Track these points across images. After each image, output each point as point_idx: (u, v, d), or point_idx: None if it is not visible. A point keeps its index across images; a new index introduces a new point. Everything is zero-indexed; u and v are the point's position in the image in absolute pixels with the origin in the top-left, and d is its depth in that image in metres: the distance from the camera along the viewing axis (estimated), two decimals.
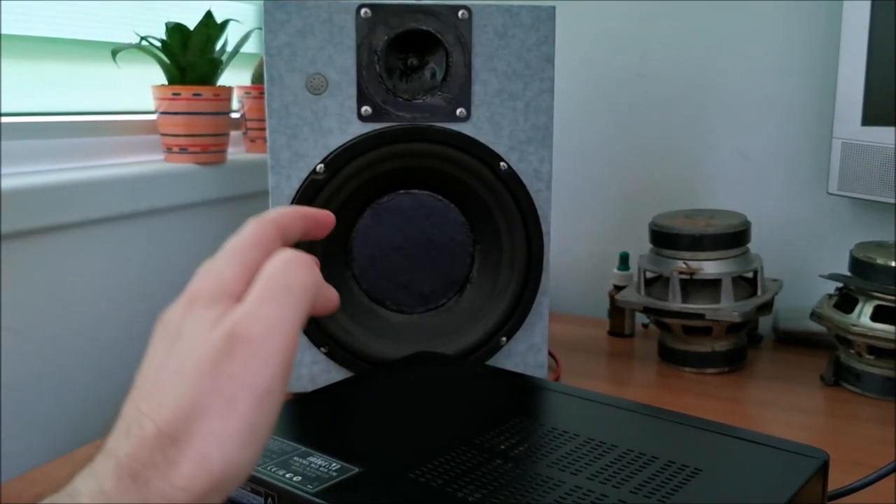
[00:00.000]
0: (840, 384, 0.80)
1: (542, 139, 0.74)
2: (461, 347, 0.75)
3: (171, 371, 0.31)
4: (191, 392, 0.30)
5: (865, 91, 0.83)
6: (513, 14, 0.72)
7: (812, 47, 0.95)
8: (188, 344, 0.31)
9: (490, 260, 0.76)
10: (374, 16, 0.70)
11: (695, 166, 1.03)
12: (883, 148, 0.83)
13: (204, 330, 0.31)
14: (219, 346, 0.30)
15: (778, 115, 0.98)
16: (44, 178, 0.75)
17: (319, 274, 0.34)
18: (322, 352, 0.74)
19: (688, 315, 0.82)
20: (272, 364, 0.30)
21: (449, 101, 0.72)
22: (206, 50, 0.88)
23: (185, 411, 0.29)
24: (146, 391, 0.31)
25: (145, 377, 0.32)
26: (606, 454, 0.48)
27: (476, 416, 0.54)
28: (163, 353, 0.32)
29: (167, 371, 0.31)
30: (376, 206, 0.75)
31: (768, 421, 0.73)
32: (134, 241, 0.83)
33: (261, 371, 0.30)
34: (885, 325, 0.74)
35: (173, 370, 0.31)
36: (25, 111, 0.83)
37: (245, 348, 0.30)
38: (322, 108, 0.71)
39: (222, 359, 0.30)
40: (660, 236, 0.85)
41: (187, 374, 0.30)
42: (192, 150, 0.89)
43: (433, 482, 0.44)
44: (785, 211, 0.99)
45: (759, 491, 0.43)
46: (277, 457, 0.47)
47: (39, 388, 0.74)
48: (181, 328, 0.32)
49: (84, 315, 0.78)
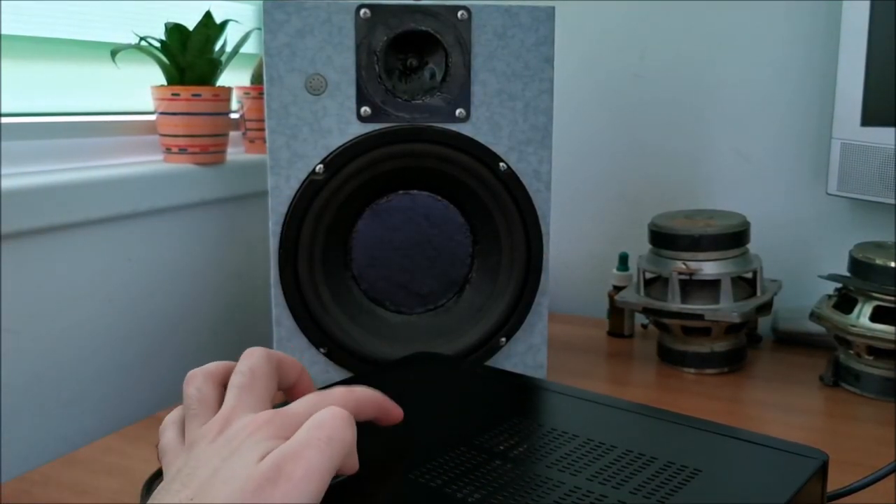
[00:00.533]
0: (839, 385, 0.80)
1: (541, 140, 0.74)
2: (460, 348, 0.75)
3: (220, 479, 0.35)
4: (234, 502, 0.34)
5: (865, 91, 0.84)
6: (512, 14, 0.72)
7: (811, 47, 0.95)
8: (241, 461, 0.36)
9: (489, 260, 0.76)
10: (373, 16, 0.70)
11: (694, 167, 1.03)
12: (882, 148, 0.83)
13: (256, 454, 0.36)
14: (266, 474, 0.35)
15: (777, 115, 0.98)
16: (44, 178, 0.75)
17: (355, 434, 0.40)
18: (321, 352, 0.74)
19: (687, 315, 0.82)
20: (305, 500, 0.35)
21: (448, 102, 0.72)
22: (206, 50, 0.88)
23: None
24: (194, 491, 0.35)
25: (194, 477, 0.36)
26: (606, 455, 0.48)
27: (475, 417, 0.54)
28: (217, 462, 0.37)
29: (217, 479, 0.35)
30: (376, 207, 0.75)
31: (767, 421, 0.73)
32: (133, 241, 0.83)
33: (294, 500, 0.35)
34: (884, 326, 0.74)
35: (222, 479, 0.35)
36: (25, 111, 0.83)
37: (287, 483, 0.35)
38: (321, 108, 0.71)
39: (266, 485, 0.34)
40: (659, 237, 0.85)
41: (235, 489, 0.34)
42: (192, 150, 0.89)
43: (432, 482, 0.44)
44: (784, 211, 0.99)
45: (759, 491, 0.43)
46: None
47: (39, 388, 0.74)
48: (241, 445, 0.37)
49: (84, 315, 0.78)
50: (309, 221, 0.71)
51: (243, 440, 0.37)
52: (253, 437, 0.37)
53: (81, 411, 0.78)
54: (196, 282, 0.90)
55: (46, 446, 0.75)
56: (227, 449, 0.37)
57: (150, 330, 0.85)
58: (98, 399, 0.80)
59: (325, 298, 0.73)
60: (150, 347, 0.85)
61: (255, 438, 0.37)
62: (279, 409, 0.40)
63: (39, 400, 0.75)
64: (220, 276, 0.93)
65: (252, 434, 0.38)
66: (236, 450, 0.37)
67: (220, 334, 0.94)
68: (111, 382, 0.81)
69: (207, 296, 0.92)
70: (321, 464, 0.36)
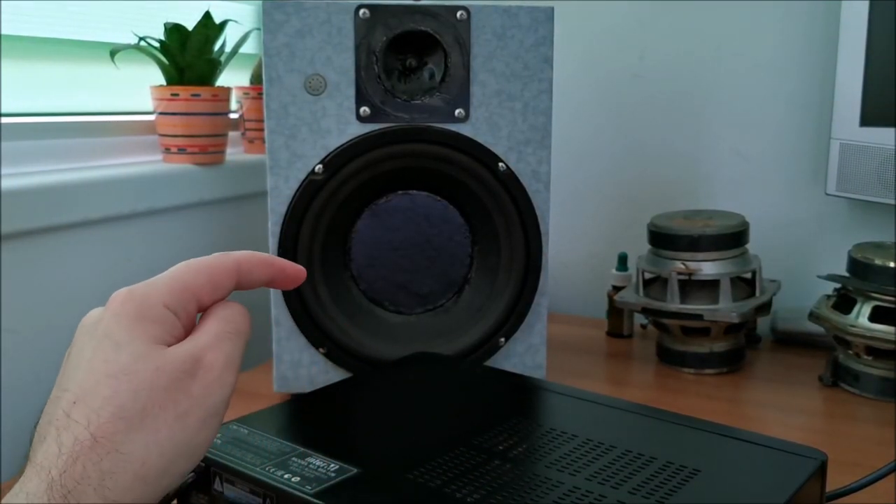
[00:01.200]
0: (838, 385, 0.80)
1: (540, 140, 0.74)
2: (460, 348, 0.75)
3: (109, 375, 0.32)
4: (140, 400, 0.31)
5: (864, 92, 0.84)
6: (511, 15, 0.72)
7: (810, 48, 0.95)
8: (135, 351, 0.33)
9: (489, 260, 0.76)
10: (372, 16, 0.70)
11: (693, 167, 1.03)
12: (881, 149, 0.83)
13: (153, 343, 0.33)
14: (182, 367, 0.33)
15: (776, 115, 0.98)
16: (43, 178, 0.75)
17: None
18: (320, 352, 0.74)
19: (686, 316, 0.82)
20: (225, 391, 0.34)
21: (447, 102, 0.72)
22: (205, 50, 0.88)
23: (130, 419, 0.31)
24: (74, 394, 0.32)
25: (72, 378, 0.33)
26: (605, 455, 0.48)
27: (474, 417, 0.54)
28: (98, 356, 0.33)
29: (103, 375, 0.32)
30: (375, 207, 0.75)
31: (767, 421, 0.73)
32: (133, 241, 0.83)
33: (216, 394, 0.34)
34: (883, 326, 0.74)
35: (112, 374, 0.32)
36: (25, 111, 0.83)
37: (207, 373, 0.33)
38: (321, 108, 0.71)
39: (184, 377, 0.33)
40: (658, 237, 0.85)
41: (138, 382, 0.32)
42: (191, 150, 0.89)
43: (432, 483, 0.44)
44: (783, 212, 0.99)
45: (758, 491, 0.43)
46: (276, 458, 0.47)
47: (39, 388, 0.74)
48: (125, 334, 0.33)
49: (83, 315, 0.78)
50: (308, 222, 0.71)
51: (128, 324, 0.34)
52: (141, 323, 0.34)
53: None
54: None
55: None
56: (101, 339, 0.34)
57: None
58: None
59: (324, 298, 0.73)
60: None
61: (143, 325, 0.34)
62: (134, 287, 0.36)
63: (39, 400, 0.75)
64: None
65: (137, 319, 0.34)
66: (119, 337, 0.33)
67: None
68: None
69: None
70: (235, 354, 0.35)
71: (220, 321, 0.36)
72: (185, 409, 0.32)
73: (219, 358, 0.34)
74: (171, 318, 0.35)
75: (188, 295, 0.36)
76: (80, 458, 0.30)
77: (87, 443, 0.30)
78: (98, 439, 0.30)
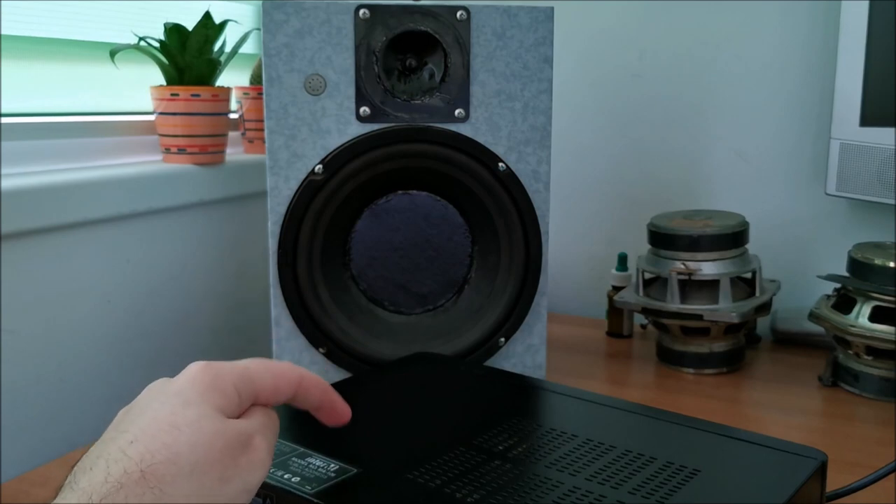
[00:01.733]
0: (838, 385, 0.80)
1: (540, 140, 0.74)
2: (459, 348, 0.75)
3: (172, 425, 0.34)
4: (196, 454, 0.34)
5: (863, 92, 0.84)
6: (511, 15, 0.72)
7: (810, 48, 0.95)
8: (202, 411, 0.35)
9: (488, 261, 0.76)
10: (372, 16, 0.70)
11: (693, 167, 1.03)
12: (881, 149, 0.83)
13: (219, 414, 0.36)
14: (238, 438, 0.36)
15: (776, 115, 0.98)
16: (43, 178, 0.75)
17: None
18: (320, 352, 0.74)
19: (686, 316, 0.82)
20: (264, 472, 0.37)
21: (447, 102, 0.72)
22: (205, 50, 0.88)
23: (181, 467, 0.33)
24: (134, 436, 0.34)
25: (133, 423, 0.35)
26: (605, 455, 0.48)
27: (474, 417, 0.54)
28: (165, 408, 0.35)
29: (167, 424, 0.34)
30: (375, 207, 0.75)
31: (766, 421, 0.73)
32: (132, 241, 0.83)
33: (257, 472, 0.36)
34: (883, 326, 0.74)
35: (176, 425, 0.34)
36: (25, 111, 0.83)
37: (255, 452, 0.36)
38: (320, 108, 0.71)
39: (237, 448, 0.35)
40: (658, 237, 0.85)
41: (198, 437, 0.34)
42: (191, 150, 0.89)
43: (432, 483, 0.44)
44: (783, 212, 0.99)
45: (758, 491, 0.43)
46: (276, 458, 0.47)
47: (39, 389, 0.74)
48: (196, 395, 0.36)
49: (83, 315, 0.78)
50: (308, 222, 0.71)
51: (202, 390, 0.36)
52: (211, 393, 0.36)
53: (81, 411, 0.78)
54: (195, 282, 0.90)
55: (46, 446, 0.75)
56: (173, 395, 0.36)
57: (149, 330, 0.85)
58: (97, 399, 0.80)
59: (324, 299, 0.73)
60: (149, 347, 0.85)
61: (212, 395, 0.36)
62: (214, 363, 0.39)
63: (39, 400, 0.75)
64: (219, 277, 0.93)
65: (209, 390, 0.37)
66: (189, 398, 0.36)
67: (220, 334, 0.94)
68: (111, 382, 0.81)
69: (207, 296, 0.92)
70: (272, 448, 0.38)
71: (265, 416, 0.39)
72: (229, 476, 0.34)
73: (265, 443, 0.37)
74: (235, 397, 0.37)
75: (252, 388, 0.39)
76: (124, 487, 0.32)
77: (135, 475, 0.32)
78: (147, 476, 0.32)
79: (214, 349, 0.93)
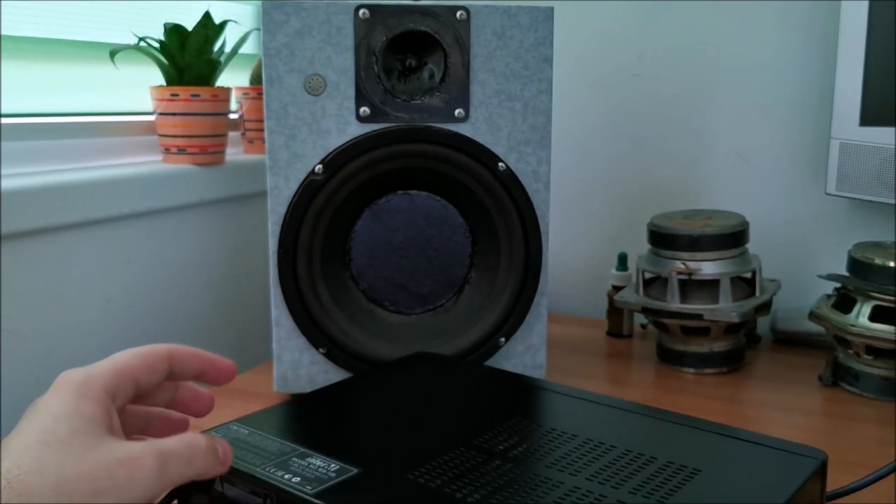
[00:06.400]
0: (838, 384, 0.80)
1: (540, 140, 0.74)
2: (459, 348, 0.75)
3: (41, 442, 0.35)
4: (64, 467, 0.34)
5: (863, 91, 0.84)
6: (511, 15, 0.72)
7: (810, 47, 0.95)
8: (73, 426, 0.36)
9: (488, 260, 0.76)
10: (372, 16, 0.70)
11: (693, 167, 1.03)
12: (881, 148, 0.83)
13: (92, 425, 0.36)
14: (118, 455, 0.36)
15: (776, 115, 0.98)
16: (43, 178, 0.75)
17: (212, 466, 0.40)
18: (320, 352, 0.74)
19: (686, 315, 0.82)
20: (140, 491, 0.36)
21: (447, 102, 0.72)
22: (205, 51, 0.88)
23: (47, 478, 0.34)
24: (6, 453, 0.35)
25: (10, 443, 0.36)
26: (605, 455, 0.48)
27: (475, 417, 0.54)
28: (35, 425, 0.36)
29: (35, 441, 0.35)
30: (375, 207, 0.75)
31: (766, 421, 0.73)
32: (132, 241, 0.83)
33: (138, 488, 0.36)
34: (883, 326, 0.74)
35: (45, 442, 0.35)
36: (25, 112, 0.83)
37: (138, 469, 0.36)
38: (320, 108, 0.71)
39: (111, 461, 0.35)
40: (658, 237, 0.85)
41: (67, 450, 0.35)
42: (191, 150, 0.89)
43: (432, 483, 0.44)
44: (783, 211, 0.99)
45: (758, 491, 0.43)
46: (276, 458, 0.47)
47: (39, 389, 0.74)
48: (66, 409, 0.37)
49: (83, 315, 0.78)
50: (308, 222, 0.71)
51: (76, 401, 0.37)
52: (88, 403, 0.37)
53: None
54: (195, 282, 0.90)
55: None
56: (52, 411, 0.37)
57: (149, 330, 0.85)
58: None
59: (324, 299, 0.73)
60: None
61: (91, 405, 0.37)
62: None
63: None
64: (219, 277, 0.93)
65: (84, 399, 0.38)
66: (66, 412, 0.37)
67: (220, 334, 0.94)
68: None
69: (207, 296, 0.92)
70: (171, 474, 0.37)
71: (182, 443, 0.38)
72: (102, 489, 0.35)
73: (155, 464, 0.36)
74: (107, 400, 0.38)
75: (126, 376, 0.40)
76: None
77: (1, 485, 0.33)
78: (12, 486, 0.33)
79: (214, 349, 0.93)
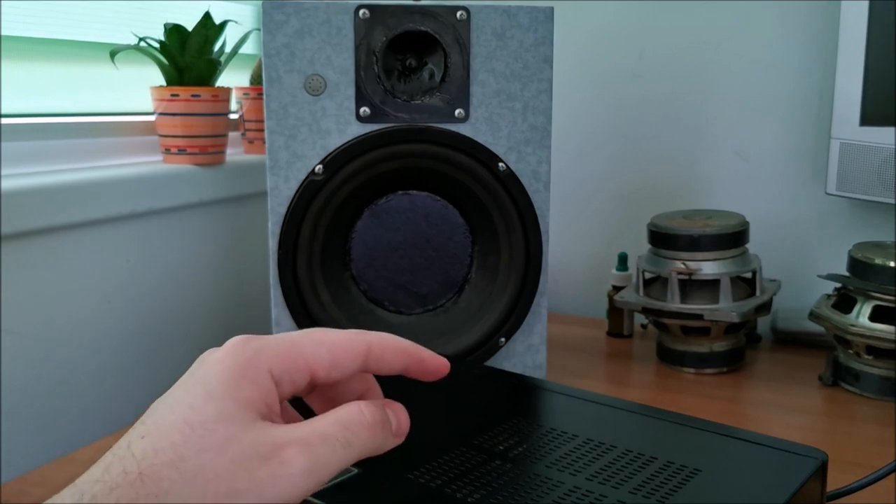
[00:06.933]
0: (838, 384, 0.80)
1: (540, 140, 0.74)
2: (460, 348, 0.75)
3: (186, 423, 0.30)
4: (202, 459, 0.29)
5: (864, 91, 0.84)
6: (511, 15, 0.72)
7: (810, 47, 0.95)
8: (223, 410, 0.31)
9: (488, 261, 0.76)
10: (372, 17, 0.70)
11: (693, 167, 1.03)
12: (881, 148, 0.83)
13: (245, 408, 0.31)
14: (257, 448, 0.30)
15: (776, 115, 0.98)
16: (43, 178, 0.75)
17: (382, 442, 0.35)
18: None
19: (686, 315, 0.82)
20: (291, 492, 0.30)
21: (447, 102, 0.72)
22: (205, 51, 0.88)
23: (184, 472, 0.29)
24: (147, 429, 0.30)
25: (156, 411, 0.31)
26: (605, 455, 0.48)
27: (475, 417, 0.54)
28: (186, 399, 0.31)
29: (181, 420, 0.30)
30: (375, 207, 0.75)
31: (767, 421, 0.73)
32: (133, 241, 0.83)
33: (279, 489, 0.30)
34: (883, 325, 0.74)
35: (190, 423, 0.30)
36: (25, 112, 0.83)
37: (281, 466, 0.30)
38: (320, 108, 0.71)
39: (255, 458, 0.30)
40: (658, 237, 0.85)
41: (209, 440, 0.30)
42: (191, 151, 0.89)
43: (432, 483, 0.44)
44: (783, 211, 0.99)
45: (758, 491, 0.43)
46: None
47: (39, 388, 0.74)
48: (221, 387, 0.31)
49: (83, 315, 0.78)
50: (308, 222, 0.71)
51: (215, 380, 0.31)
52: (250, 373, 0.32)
53: (81, 412, 0.78)
54: (195, 282, 0.90)
55: (46, 447, 0.75)
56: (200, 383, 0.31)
57: (149, 330, 0.85)
58: (97, 399, 0.80)
59: (324, 299, 0.73)
60: (149, 348, 0.85)
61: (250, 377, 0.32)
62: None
63: (39, 400, 0.75)
64: (219, 277, 0.93)
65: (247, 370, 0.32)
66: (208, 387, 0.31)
67: (220, 335, 0.94)
68: (110, 383, 0.81)
69: (207, 296, 0.92)
70: (328, 464, 0.31)
71: (336, 424, 0.32)
72: (240, 490, 0.29)
73: (302, 459, 0.30)
74: (271, 386, 0.32)
75: (301, 364, 0.33)
76: (116, 489, 0.29)
77: (132, 476, 0.29)
78: (144, 479, 0.29)
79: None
